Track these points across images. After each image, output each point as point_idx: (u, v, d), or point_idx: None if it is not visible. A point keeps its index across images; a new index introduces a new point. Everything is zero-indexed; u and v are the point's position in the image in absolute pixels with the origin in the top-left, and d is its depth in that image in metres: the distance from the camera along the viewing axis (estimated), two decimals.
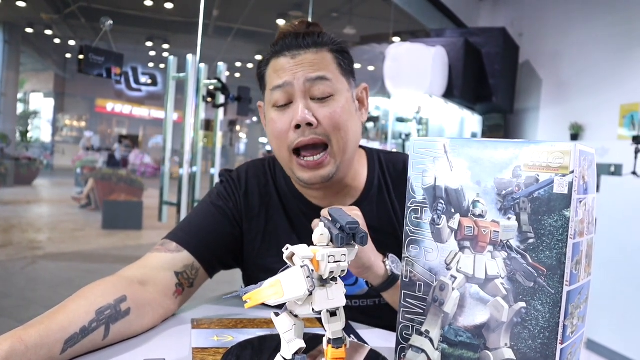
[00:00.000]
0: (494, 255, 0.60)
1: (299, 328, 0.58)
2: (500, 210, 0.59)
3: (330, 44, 0.93)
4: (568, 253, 0.55)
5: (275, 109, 0.92)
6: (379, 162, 1.05)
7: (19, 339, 0.61)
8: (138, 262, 0.89)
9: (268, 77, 0.94)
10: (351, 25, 9.04)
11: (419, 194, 0.66)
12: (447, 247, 0.64)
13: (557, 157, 0.55)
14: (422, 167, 0.66)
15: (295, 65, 0.90)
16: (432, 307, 0.65)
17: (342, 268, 0.56)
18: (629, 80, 5.44)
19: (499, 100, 5.76)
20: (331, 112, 0.89)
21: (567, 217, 0.55)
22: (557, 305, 0.55)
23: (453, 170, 0.63)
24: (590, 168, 0.59)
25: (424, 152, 0.65)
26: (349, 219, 0.57)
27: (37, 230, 6.07)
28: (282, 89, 0.90)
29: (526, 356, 0.58)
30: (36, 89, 16.67)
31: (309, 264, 0.55)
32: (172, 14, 10.40)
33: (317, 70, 0.90)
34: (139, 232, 6.30)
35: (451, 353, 0.63)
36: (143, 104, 18.38)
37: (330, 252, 0.56)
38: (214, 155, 3.01)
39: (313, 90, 0.89)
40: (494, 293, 0.60)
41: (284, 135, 0.90)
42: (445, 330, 0.64)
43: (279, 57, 0.91)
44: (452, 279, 0.63)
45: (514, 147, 0.58)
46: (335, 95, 0.90)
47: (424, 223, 0.66)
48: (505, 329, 0.59)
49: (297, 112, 0.88)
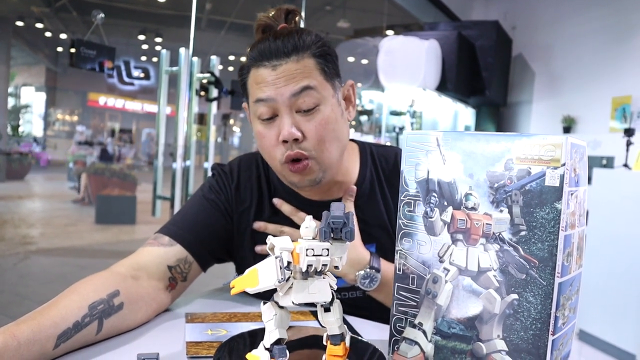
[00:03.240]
0: (487, 247, 0.60)
1: (282, 319, 0.58)
2: (492, 203, 0.60)
3: (312, 46, 0.89)
4: (559, 245, 0.55)
5: (260, 122, 0.90)
6: (371, 156, 1.05)
7: (11, 334, 0.60)
8: (131, 257, 0.89)
9: (250, 87, 0.90)
10: (345, 18, 9.02)
11: (412, 187, 0.66)
12: (440, 240, 0.64)
13: (548, 150, 0.56)
14: (415, 161, 0.66)
15: (277, 78, 0.86)
16: (425, 299, 0.65)
17: (322, 262, 0.56)
18: (620, 73, 5.47)
19: (492, 93, 5.78)
20: (316, 126, 0.88)
21: (559, 210, 0.55)
22: (548, 297, 0.56)
23: (446, 163, 0.63)
24: (582, 160, 0.60)
25: (417, 146, 0.66)
26: (336, 214, 0.56)
27: (30, 225, 6.04)
28: (265, 102, 0.87)
29: (518, 347, 0.58)
30: (27, 82, 16.55)
31: (284, 255, 0.56)
32: (164, 7, 10.33)
33: (301, 81, 0.86)
34: (132, 227, 6.28)
35: (444, 345, 0.64)
36: (136, 97, 18.29)
37: (311, 246, 0.56)
38: (208, 149, 3.00)
39: (298, 103, 0.87)
40: (486, 285, 0.60)
41: (273, 150, 0.90)
42: (438, 322, 0.64)
43: (258, 68, 0.88)
44: (445, 272, 0.63)
45: (506, 140, 0.59)
46: (320, 105, 0.88)
47: (417, 216, 0.66)
48: (498, 320, 0.60)
49: (283, 128, 0.86)
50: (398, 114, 5.24)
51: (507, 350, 0.59)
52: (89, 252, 4.84)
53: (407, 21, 7.26)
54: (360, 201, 0.99)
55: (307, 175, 0.90)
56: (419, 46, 5.08)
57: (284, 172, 0.92)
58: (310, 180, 0.91)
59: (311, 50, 0.88)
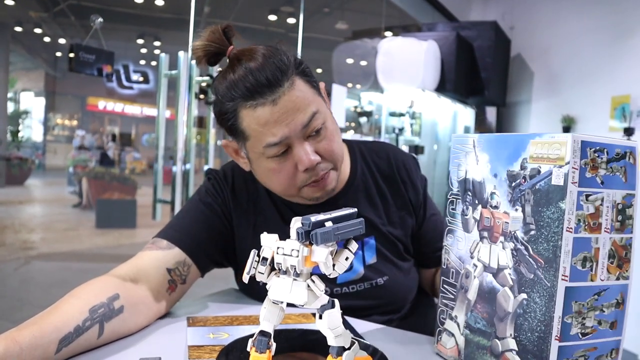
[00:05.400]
0: (505, 245, 0.61)
1: (270, 313, 0.58)
2: (510, 201, 0.60)
3: (291, 65, 0.84)
4: (564, 246, 0.54)
5: (271, 160, 0.86)
6: (361, 153, 1.06)
7: (13, 340, 0.60)
8: (130, 261, 0.89)
9: (248, 129, 0.84)
10: (343, 20, 9.02)
11: (455, 187, 0.70)
12: (471, 237, 0.66)
13: (555, 149, 0.55)
14: (458, 162, 0.70)
15: (283, 113, 0.82)
16: (459, 293, 0.68)
17: (289, 263, 0.55)
18: (619, 72, 5.46)
19: (491, 93, 5.77)
20: (328, 144, 0.88)
21: (563, 209, 0.54)
22: (552, 299, 0.55)
23: (478, 163, 0.66)
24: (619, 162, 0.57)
25: (460, 148, 0.69)
26: (319, 218, 0.55)
27: (30, 230, 6.04)
28: (279, 144, 0.83)
29: (525, 348, 0.58)
30: (26, 88, 16.54)
31: (264, 251, 0.57)
32: (163, 10, 10.34)
33: (306, 109, 0.83)
34: (133, 231, 6.28)
35: (471, 339, 0.66)
36: (135, 101, 18.29)
37: (281, 245, 0.56)
38: (207, 152, 3.00)
39: (308, 131, 0.85)
40: (503, 283, 0.61)
41: (292, 180, 0.88)
42: (468, 317, 0.66)
43: (255, 107, 0.81)
44: (474, 267, 0.66)
45: (523, 140, 0.59)
46: (325, 122, 0.87)
47: (457, 214, 0.69)
48: (511, 319, 0.60)
49: (303, 158, 0.84)
50: (397, 115, 5.23)
51: (517, 350, 0.59)
52: (90, 257, 4.84)
53: (405, 22, 7.26)
54: (352, 197, 1.00)
55: (327, 186, 0.91)
56: (417, 47, 5.08)
57: (302, 193, 0.92)
58: (331, 190, 0.93)
59: (294, 70, 0.84)
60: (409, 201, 1.03)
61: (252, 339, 0.59)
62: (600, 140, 0.55)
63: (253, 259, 0.57)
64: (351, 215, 0.57)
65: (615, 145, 0.56)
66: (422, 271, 1.08)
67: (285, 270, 0.56)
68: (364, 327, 0.88)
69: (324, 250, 0.54)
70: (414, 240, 1.05)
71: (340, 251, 0.57)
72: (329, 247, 0.55)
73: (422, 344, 0.80)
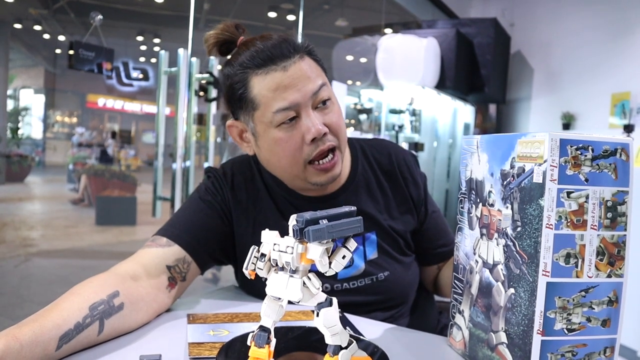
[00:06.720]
0: (498, 242, 0.63)
1: (270, 308, 0.59)
2: (502, 199, 0.62)
3: (303, 46, 0.89)
4: (544, 242, 0.55)
5: (278, 128, 0.88)
6: (362, 150, 1.07)
7: (13, 337, 0.60)
8: (130, 258, 0.89)
9: (259, 97, 0.87)
10: (343, 17, 9.01)
11: (464, 186, 0.72)
12: (474, 234, 0.69)
13: (536, 147, 0.57)
14: (465, 162, 0.72)
15: (293, 79, 0.85)
16: (465, 288, 0.71)
17: (285, 259, 0.55)
18: (619, 69, 5.46)
19: (491, 90, 5.77)
20: (335, 117, 0.90)
21: (542, 206, 0.55)
22: (533, 294, 0.56)
23: (480, 163, 0.68)
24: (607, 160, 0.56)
25: (467, 148, 0.72)
26: (314, 215, 0.55)
27: (30, 227, 6.04)
28: (289, 110, 0.86)
29: (513, 342, 0.60)
30: (26, 85, 16.52)
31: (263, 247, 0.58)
32: (162, 8, 10.32)
33: (316, 78, 0.87)
34: (133, 228, 6.28)
35: (474, 332, 0.68)
36: (135, 98, 18.27)
37: (277, 241, 0.56)
38: (207, 149, 3.00)
39: (316, 101, 0.88)
40: (497, 278, 0.63)
41: (298, 152, 0.89)
42: (471, 311, 0.69)
43: (267, 74, 0.85)
44: (476, 263, 0.68)
45: (512, 140, 0.61)
46: (332, 98, 0.90)
47: (465, 212, 0.72)
48: (502, 313, 0.61)
49: (310, 126, 0.86)
50: (397, 112, 5.23)
51: (507, 343, 0.60)
52: (90, 254, 4.84)
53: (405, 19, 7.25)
54: (352, 193, 1.01)
55: (332, 170, 0.92)
56: (417, 44, 5.07)
57: (306, 176, 0.92)
58: (334, 175, 0.93)
59: (304, 50, 0.89)
60: (410, 197, 1.04)
61: (251, 334, 0.59)
62: (583, 137, 0.55)
63: (252, 255, 0.58)
64: (349, 213, 0.57)
65: (602, 142, 0.56)
66: (424, 269, 1.08)
67: (282, 266, 0.56)
68: (365, 325, 0.88)
69: (318, 248, 0.54)
70: (416, 238, 1.05)
71: (338, 249, 0.57)
72: (323, 244, 0.55)
73: (423, 342, 0.80)
